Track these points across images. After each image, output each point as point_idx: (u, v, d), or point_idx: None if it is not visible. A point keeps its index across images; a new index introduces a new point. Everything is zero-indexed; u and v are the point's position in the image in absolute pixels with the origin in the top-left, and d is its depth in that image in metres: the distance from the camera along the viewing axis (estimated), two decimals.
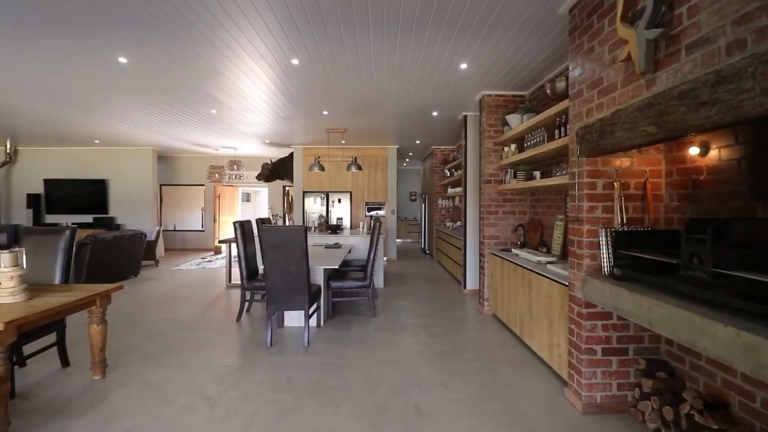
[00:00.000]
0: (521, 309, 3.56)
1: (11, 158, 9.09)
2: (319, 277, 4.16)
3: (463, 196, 5.70)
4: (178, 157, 10.74)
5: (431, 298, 5.41)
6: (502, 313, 4.17)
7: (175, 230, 10.79)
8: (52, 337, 3.04)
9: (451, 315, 4.56)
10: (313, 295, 3.78)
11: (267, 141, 8.53)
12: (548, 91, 3.44)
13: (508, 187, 4.40)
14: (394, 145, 8.96)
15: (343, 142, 8.37)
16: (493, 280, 4.48)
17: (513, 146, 4.31)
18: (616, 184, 2.37)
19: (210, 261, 8.85)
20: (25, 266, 2.44)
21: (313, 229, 7.34)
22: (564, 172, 3.26)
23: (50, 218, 9.40)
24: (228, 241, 6.14)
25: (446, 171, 8.64)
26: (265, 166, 9.52)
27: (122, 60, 3.70)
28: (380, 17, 2.88)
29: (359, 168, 7.18)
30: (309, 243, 4.72)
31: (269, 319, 3.58)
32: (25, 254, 2.53)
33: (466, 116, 5.66)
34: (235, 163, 9.94)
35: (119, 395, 2.59)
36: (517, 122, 4.15)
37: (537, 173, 3.95)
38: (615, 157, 2.38)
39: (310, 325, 3.65)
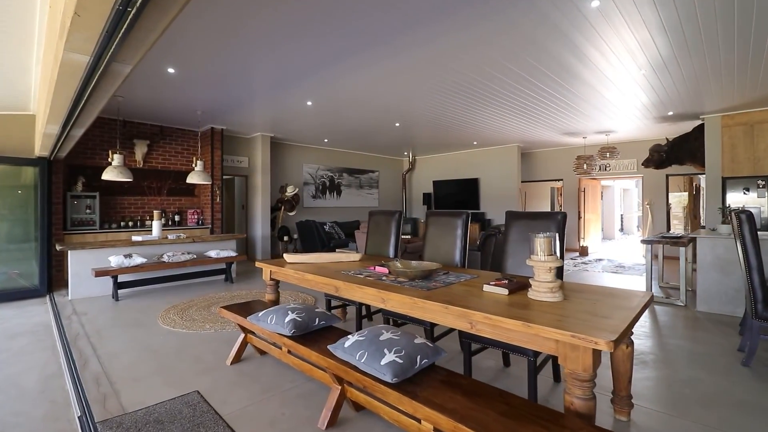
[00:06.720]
0: None
1: (412, 166, 11.45)
2: None
3: None
4: (535, 153, 10.34)
5: None
6: None
7: None
8: None
9: None
10: None
11: (670, 113, 6.46)
12: None
13: None
14: None
15: None
16: None
17: None
18: None
19: (583, 263, 7.72)
20: (561, 257, 1.95)
21: None
22: None
23: None
24: (651, 242, 4.71)
25: None
26: (655, 149, 7.44)
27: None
28: None
29: None
30: None
31: None
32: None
33: None
34: (608, 150, 8.39)
35: None
36: None
37: None
38: None
39: None
